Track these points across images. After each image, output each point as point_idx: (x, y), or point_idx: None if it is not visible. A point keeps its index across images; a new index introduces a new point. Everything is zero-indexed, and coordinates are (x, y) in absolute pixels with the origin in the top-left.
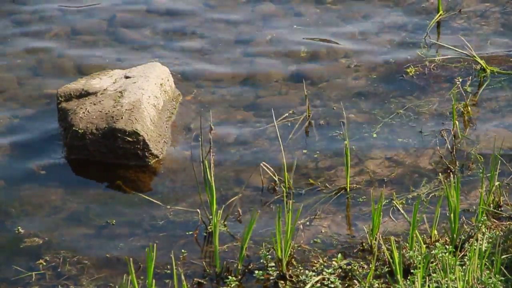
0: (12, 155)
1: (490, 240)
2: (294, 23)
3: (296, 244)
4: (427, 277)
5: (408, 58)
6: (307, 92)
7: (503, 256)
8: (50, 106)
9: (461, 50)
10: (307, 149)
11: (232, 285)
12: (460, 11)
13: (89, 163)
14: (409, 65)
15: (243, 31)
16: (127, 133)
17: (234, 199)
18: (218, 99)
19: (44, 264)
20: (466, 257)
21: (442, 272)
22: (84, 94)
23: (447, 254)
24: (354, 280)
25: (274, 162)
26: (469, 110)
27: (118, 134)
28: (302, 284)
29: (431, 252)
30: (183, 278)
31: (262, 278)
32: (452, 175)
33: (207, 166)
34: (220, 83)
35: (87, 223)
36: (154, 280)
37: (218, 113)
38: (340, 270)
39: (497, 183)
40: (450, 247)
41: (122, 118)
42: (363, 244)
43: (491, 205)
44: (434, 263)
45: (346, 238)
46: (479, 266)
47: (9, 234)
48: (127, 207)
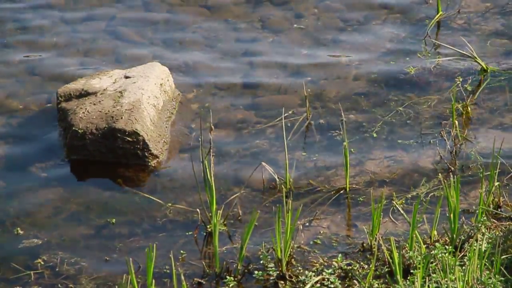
0: (12, 155)
1: (490, 240)
2: (294, 23)
3: (295, 244)
4: (427, 277)
5: (408, 58)
6: (307, 92)
7: (503, 257)
8: (50, 106)
9: (461, 51)
10: (307, 149)
11: (231, 285)
12: (459, 11)
13: (89, 163)
14: (409, 65)
15: (244, 30)
16: (127, 133)
17: (234, 198)
18: (218, 99)
19: (42, 263)
20: (466, 257)
21: (441, 272)
22: (84, 94)
23: (446, 254)
24: (354, 280)
25: (274, 162)
26: (469, 110)
27: (118, 134)
28: (302, 284)
29: (431, 252)
30: (182, 278)
31: (261, 278)
32: (451, 175)
33: (207, 166)
34: (220, 83)
35: (87, 223)
36: (154, 280)
37: (218, 113)
38: (340, 270)
39: (496, 183)
40: (450, 247)
41: (122, 118)
42: (363, 244)
43: (491, 205)
44: (434, 264)
45: (346, 238)
46: (478, 266)
47: (8, 234)
48: (127, 207)
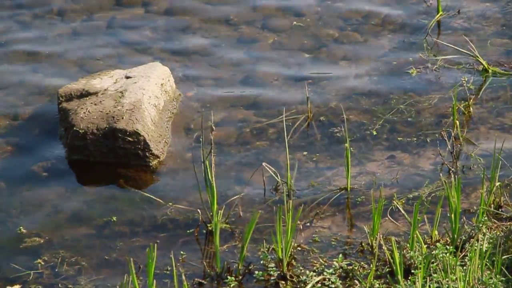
0: (13, 155)
1: (491, 240)
2: (294, 21)
3: (296, 244)
4: (428, 277)
5: (409, 58)
6: (308, 91)
7: (504, 257)
8: (51, 106)
9: (464, 50)
10: (308, 148)
11: (232, 285)
12: (459, 12)
13: (89, 163)
14: (410, 65)
15: (244, 30)
16: (127, 133)
17: (235, 199)
18: (219, 99)
19: (42, 263)
20: (467, 257)
21: (442, 272)
22: (85, 94)
23: (447, 254)
24: (355, 280)
25: (275, 162)
26: (470, 110)
27: (119, 134)
28: (302, 284)
29: (432, 252)
30: (183, 278)
31: (262, 278)
32: (453, 175)
33: (208, 166)
34: (221, 83)
35: (88, 223)
36: (155, 280)
37: (219, 113)
38: (340, 270)
39: (497, 183)
40: (451, 247)
41: (123, 118)
42: (364, 244)
43: (492, 205)
44: (435, 264)
45: (346, 238)
46: (479, 266)
47: (9, 234)
48: (128, 207)
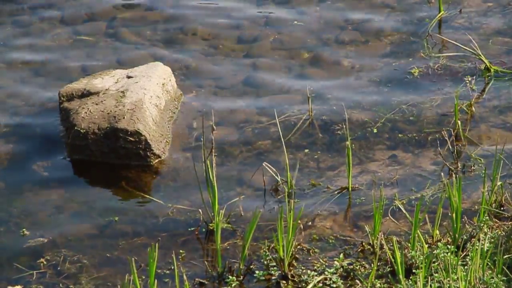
0: (14, 155)
1: (492, 240)
2: (295, 21)
3: (297, 244)
4: (429, 277)
5: (410, 58)
6: (309, 92)
7: (505, 256)
8: (52, 106)
9: (466, 48)
10: (309, 148)
11: (233, 285)
12: (461, 11)
13: (91, 163)
14: (411, 65)
15: (245, 30)
16: (129, 133)
17: (236, 199)
18: (220, 99)
19: (45, 263)
20: (468, 257)
21: (444, 272)
22: (86, 94)
23: (449, 254)
24: (356, 280)
25: (276, 162)
26: (472, 109)
27: (120, 134)
28: (304, 284)
29: (433, 252)
30: (184, 278)
31: (263, 278)
32: (454, 175)
33: (209, 166)
34: (222, 83)
35: (90, 223)
36: (156, 280)
37: (220, 113)
38: (342, 270)
39: (499, 183)
40: (452, 247)
41: (124, 118)
42: (365, 244)
43: (493, 205)
44: (436, 263)
45: (347, 238)
46: (481, 266)
47: (11, 234)
48: (129, 207)
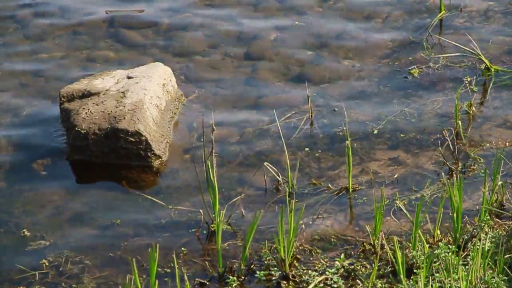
0: (15, 155)
1: (493, 239)
2: (296, 21)
3: (298, 244)
4: (430, 277)
5: (411, 58)
6: (309, 92)
7: (506, 256)
8: (53, 107)
9: (466, 48)
10: (310, 148)
11: (234, 285)
12: (462, 10)
13: (91, 164)
14: (411, 64)
15: (245, 30)
16: (129, 133)
17: (237, 199)
18: (220, 99)
19: (47, 263)
20: (469, 256)
21: (445, 271)
22: (86, 95)
23: (450, 254)
24: (357, 280)
25: (277, 162)
26: (473, 109)
27: (121, 135)
28: (305, 284)
29: (434, 252)
30: (185, 278)
31: (264, 278)
32: (455, 174)
33: (209, 166)
34: (222, 83)
35: (90, 223)
36: (157, 280)
37: (221, 113)
38: (343, 270)
39: (500, 182)
40: (453, 246)
41: (124, 118)
42: (366, 244)
43: (494, 204)
44: (437, 263)
45: (348, 238)
46: (482, 265)
47: (12, 235)
48: (130, 207)
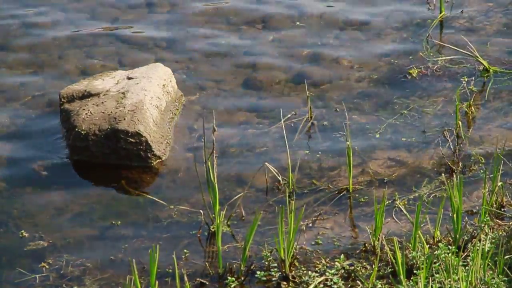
0: (15, 156)
1: (493, 240)
2: (296, 22)
3: (298, 245)
4: (430, 277)
5: (411, 58)
6: (309, 93)
7: (506, 257)
8: (53, 107)
9: (463, 51)
10: (310, 149)
11: (234, 285)
12: (462, 12)
13: (91, 164)
14: (411, 65)
15: (245, 31)
16: (129, 134)
17: (237, 199)
18: (220, 100)
19: (47, 266)
20: (469, 257)
21: (445, 272)
22: (86, 95)
23: (450, 254)
24: (357, 280)
25: (277, 163)
26: (472, 110)
27: (121, 135)
28: (305, 285)
29: (434, 252)
30: (185, 278)
31: (264, 279)
32: (454, 175)
33: (210, 167)
34: (222, 84)
35: (90, 224)
36: (157, 281)
37: (221, 114)
38: (343, 270)
39: (500, 183)
40: (453, 247)
41: (124, 119)
42: (366, 244)
43: (494, 205)
44: (437, 264)
45: (348, 239)
46: (482, 266)
47: (12, 236)
48: (130, 208)
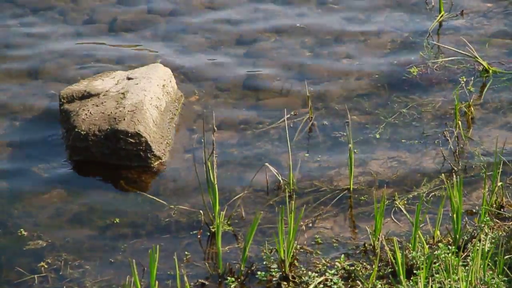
0: (15, 156)
1: (493, 240)
2: (296, 23)
3: (298, 245)
4: (430, 277)
5: (411, 59)
6: (309, 91)
7: (506, 257)
8: (53, 108)
9: (463, 52)
10: (310, 149)
11: (234, 286)
12: (462, 12)
13: (91, 165)
14: (411, 66)
15: (245, 31)
16: (129, 134)
17: (237, 199)
18: (220, 100)
19: (46, 266)
20: (469, 257)
21: (445, 272)
22: (86, 96)
23: (450, 254)
24: (357, 280)
25: (277, 163)
26: (472, 110)
27: (121, 136)
28: (305, 285)
29: (434, 252)
30: (185, 279)
31: (264, 279)
32: (454, 175)
33: (210, 167)
34: (222, 84)
35: (90, 225)
36: (157, 281)
37: (221, 114)
38: (343, 271)
39: (499, 183)
40: (453, 247)
41: (124, 119)
42: (366, 244)
43: (494, 205)
44: (437, 264)
45: (348, 239)
46: (482, 266)
47: (12, 236)
48: (130, 209)
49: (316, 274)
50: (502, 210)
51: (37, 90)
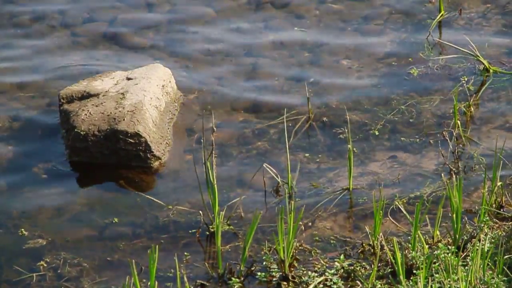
0: (14, 157)
1: (493, 240)
2: (295, 24)
3: (298, 245)
4: (430, 277)
5: (411, 58)
6: (309, 92)
7: (506, 256)
8: (52, 108)
9: (465, 50)
10: (310, 149)
11: (234, 286)
12: (461, 11)
13: (91, 165)
14: (411, 65)
15: (245, 32)
16: (129, 134)
17: (237, 200)
18: (220, 100)
19: (45, 265)
20: (469, 257)
21: (444, 272)
22: (86, 96)
23: (449, 254)
24: (357, 280)
25: (277, 163)
26: (471, 110)
27: (120, 136)
28: (304, 285)
29: (434, 252)
30: (185, 279)
31: (264, 279)
32: (454, 175)
33: (209, 167)
34: (222, 84)
35: (90, 225)
36: (157, 282)
37: (220, 114)
38: (342, 270)
39: (499, 183)
40: (453, 247)
41: (124, 119)
42: (365, 244)
43: (493, 205)
44: (437, 264)
45: (348, 239)
46: (481, 266)
47: (11, 236)
48: (129, 209)
49: (316, 274)
50: (501, 210)
51: (36, 90)
